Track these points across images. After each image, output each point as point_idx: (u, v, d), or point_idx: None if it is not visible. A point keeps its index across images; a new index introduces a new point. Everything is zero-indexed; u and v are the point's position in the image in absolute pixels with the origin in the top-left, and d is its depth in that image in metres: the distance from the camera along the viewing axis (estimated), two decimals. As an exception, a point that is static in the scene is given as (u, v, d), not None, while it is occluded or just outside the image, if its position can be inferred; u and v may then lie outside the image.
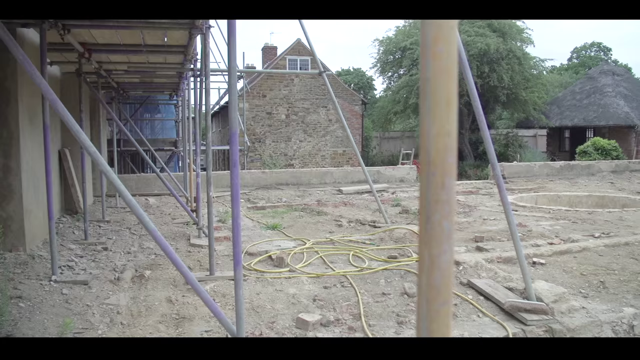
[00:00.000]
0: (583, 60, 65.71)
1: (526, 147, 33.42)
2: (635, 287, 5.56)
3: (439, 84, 0.89)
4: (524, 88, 32.63)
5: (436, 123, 0.89)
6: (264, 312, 4.84)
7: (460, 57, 4.41)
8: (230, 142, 3.54)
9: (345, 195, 13.35)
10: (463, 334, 4.37)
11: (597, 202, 13.29)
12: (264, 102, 27.56)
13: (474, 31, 30.51)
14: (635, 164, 20.88)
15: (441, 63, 0.89)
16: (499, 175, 4.67)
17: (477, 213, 10.34)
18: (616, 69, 41.48)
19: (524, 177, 18.09)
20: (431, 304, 0.92)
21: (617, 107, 34.35)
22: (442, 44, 0.89)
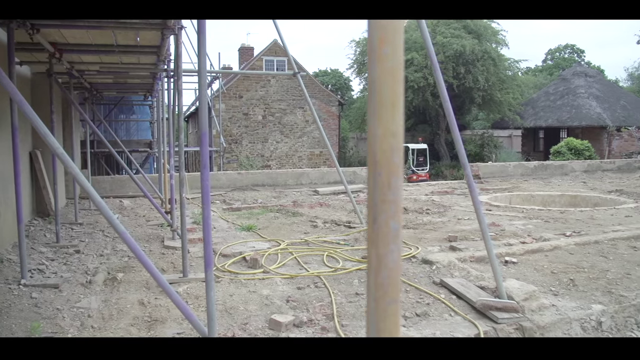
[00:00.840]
0: (557, 62, 66.63)
1: (501, 147, 33.80)
2: (603, 285, 5.65)
3: (384, 85, 0.90)
4: (499, 89, 32.98)
5: (382, 124, 0.90)
6: (236, 313, 4.83)
7: (432, 59, 4.45)
8: (201, 143, 3.53)
9: (321, 196, 13.37)
10: (435, 333, 4.40)
11: (569, 202, 13.49)
12: (241, 102, 27.48)
13: (449, 33, 30.77)
14: (606, 163, 21.24)
15: (386, 65, 0.90)
16: (470, 175, 4.72)
17: (451, 213, 10.43)
18: (589, 71, 42.11)
19: (499, 177, 18.30)
20: (379, 303, 0.93)
21: (590, 108, 34.86)
22: (388, 46, 0.90)
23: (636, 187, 15.12)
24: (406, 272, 5.96)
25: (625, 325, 4.96)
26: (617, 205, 11.80)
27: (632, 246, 7.27)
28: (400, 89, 0.90)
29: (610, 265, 6.32)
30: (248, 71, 26.51)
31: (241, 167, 24.86)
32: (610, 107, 35.52)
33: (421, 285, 5.52)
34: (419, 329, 4.47)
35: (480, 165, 18.76)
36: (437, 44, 30.23)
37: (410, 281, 5.62)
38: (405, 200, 12.47)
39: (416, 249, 6.91)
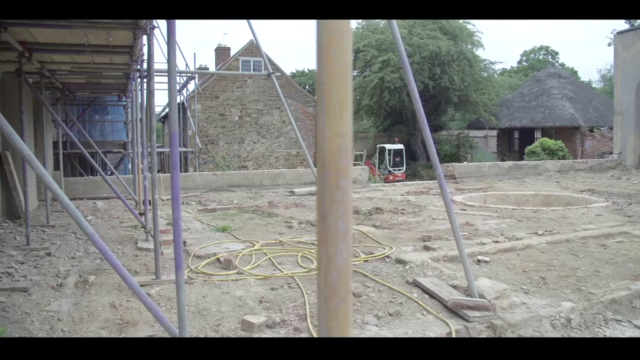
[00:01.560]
0: (532, 63, 67.42)
1: (477, 147, 34.11)
2: (573, 282, 5.73)
3: (333, 87, 0.91)
4: (475, 90, 33.29)
5: (330, 125, 0.91)
6: (209, 315, 4.81)
7: (402, 60, 4.48)
8: (170, 144, 3.51)
9: (297, 196, 13.37)
10: (407, 332, 4.43)
11: (543, 201, 13.66)
12: (217, 103, 27.36)
13: (425, 34, 30.99)
14: (579, 163, 21.56)
15: (335, 66, 0.91)
16: (441, 176, 4.76)
17: (426, 213, 10.50)
18: (562, 72, 42.71)
19: (474, 177, 18.46)
20: (329, 303, 0.94)
21: (563, 108, 35.34)
22: (336, 48, 0.90)
23: (607, 187, 15.37)
24: (380, 272, 6.00)
25: (594, 322, 5.04)
26: (588, 204, 11.98)
27: (602, 244, 7.40)
28: (348, 91, 0.91)
29: (580, 263, 6.42)
30: (222, 71, 26.43)
31: (218, 168, 24.74)
32: (583, 107, 36.05)
33: (394, 284, 5.55)
34: (392, 329, 4.49)
35: (456, 165, 18.91)
36: (413, 45, 30.42)
37: (383, 281, 5.65)
38: (381, 200, 12.53)
39: (390, 249, 6.95)
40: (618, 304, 5.28)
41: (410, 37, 31.04)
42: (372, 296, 5.20)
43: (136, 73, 8.82)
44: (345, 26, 0.91)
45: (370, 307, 4.93)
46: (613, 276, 5.96)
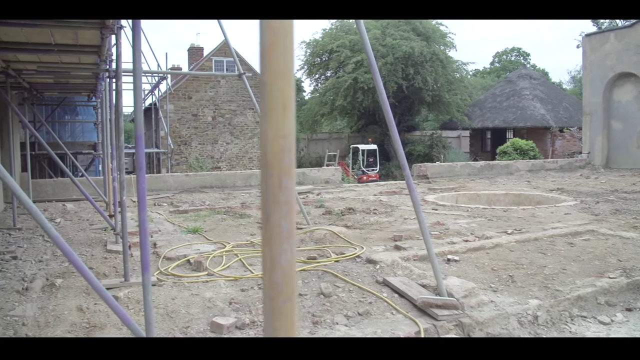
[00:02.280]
0: (504, 65, 68.23)
1: (450, 147, 34.41)
2: (540, 280, 5.82)
3: (275, 88, 0.91)
4: (448, 90, 33.61)
5: (272, 126, 0.91)
6: (178, 317, 4.78)
7: (369, 60, 4.51)
8: (136, 145, 3.48)
9: (270, 197, 13.35)
10: (376, 331, 4.46)
11: (513, 200, 13.84)
12: (190, 103, 27.18)
13: (399, 35, 31.19)
14: (549, 163, 21.90)
15: (277, 67, 0.91)
16: (409, 176, 4.80)
17: (398, 213, 10.56)
18: (533, 73, 43.31)
19: (447, 176, 18.63)
20: (274, 302, 0.95)
21: (534, 109, 35.84)
22: (278, 49, 0.91)
23: (576, 186, 15.64)
24: (350, 272, 6.02)
25: (560, 319, 5.12)
26: (557, 203, 12.17)
27: (569, 242, 7.52)
28: (291, 92, 0.92)
29: (547, 261, 6.52)
30: (194, 72, 26.27)
31: (191, 169, 24.58)
32: (554, 108, 36.61)
33: (364, 284, 5.58)
34: (361, 328, 4.51)
35: (428, 165, 19.07)
36: (387, 46, 30.60)
37: (353, 281, 5.67)
38: (354, 200, 12.58)
39: (361, 249, 6.98)
40: (583, 300, 5.38)
41: (384, 37, 31.24)
42: (342, 296, 5.22)
43: (105, 73, 8.71)
44: (287, 27, 0.91)
45: (340, 307, 4.95)
46: (579, 273, 6.07)
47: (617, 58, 21.79)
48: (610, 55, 22.03)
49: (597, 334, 4.88)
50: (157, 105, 22.27)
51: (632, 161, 21.53)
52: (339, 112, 34.41)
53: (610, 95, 22.48)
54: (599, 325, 5.05)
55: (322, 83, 36.01)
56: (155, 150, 21.57)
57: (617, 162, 22.19)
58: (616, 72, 21.86)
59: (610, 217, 9.66)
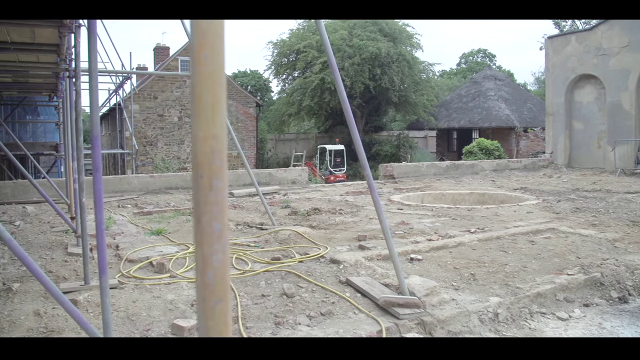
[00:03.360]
0: (470, 66, 69.16)
1: (416, 147, 34.73)
2: (501, 278, 5.91)
3: (204, 89, 0.91)
4: (414, 91, 33.93)
5: (202, 127, 0.91)
6: (139, 320, 4.72)
7: (329, 60, 4.52)
8: (93, 145, 3.43)
9: (236, 198, 13.29)
10: (338, 331, 4.47)
11: (478, 199, 14.03)
12: (156, 104, 26.90)
13: (365, 35, 31.38)
14: (514, 162, 22.26)
15: (206, 68, 0.91)
16: (370, 176, 4.83)
17: (363, 213, 10.61)
18: (498, 74, 43.99)
19: (413, 176, 18.78)
20: (206, 302, 0.95)
21: (499, 110, 36.39)
22: (207, 50, 0.91)
23: (539, 185, 15.93)
24: (313, 272, 6.03)
25: (520, 316, 5.20)
26: (520, 202, 12.37)
27: (531, 240, 7.65)
28: (221, 93, 0.92)
29: (509, 259, 6.62)
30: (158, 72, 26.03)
31: (157, 170, 24.32)
32: (518, 109, 37.23)
33: (328, 284, 5.59)
34: (323, 328, 4.52)
35: (395, 165, 19.19)
36: (354, 46, 30.75)
37: (317, 281, 5.68)
38: (320, 201, 12.59)
39: (325, 249, 6.99)
40: (543, 297, 5.48)
41: (351, 38, 31.39)
42: (304, 296, 5.22)
43: (66, 72, 8.56)
44: (217, 28, 0.92)
45: (303, 308, 4.95)
46: (539, 271, 6.18)
47: (578, 60, 22.26)
48: (571, 58, 22.51)
49: (556, 329, 4.98)
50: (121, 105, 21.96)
51: (593, 161, 22.03)
52: (307, 113, 34.46)
53: (572, 96, 22.96)
54: (558, 321, 5.15)
55: (290, 83, 36.02)
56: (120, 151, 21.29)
57: (579, 161, 22.67)
58: (577, 73, 22.34)
59: (571, 216, 9.87)
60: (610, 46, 20.95)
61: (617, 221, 9.08)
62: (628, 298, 5.69)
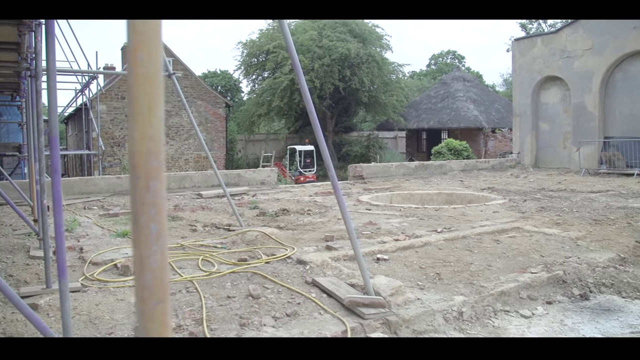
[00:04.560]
0: (440, 67, 69.88)
1: (386, 148, 34.93)
2: (466, 277, 5.97)
3: (141, 90, 0.91)
4: (384, 92, 34.11)
5: (139, 128, 0.91)
6: (102, 323, 4.66)
7: (293, 60, 4.52)
8: (50, 147, 3.37)
9: (205, 199, 13.20)
10: (303, 332, 4.47)
11: (446, 199, 14.17)
12: (123, 104, 26.57)
13: (335, 36, 31.45)
14: (482, 163, 22.56)
15: (142, 70, 0.91)
16: (334, 176, 4.84)
17: (332, 213, 10.63)
18: (467, 76, 44.51)
19: (382, 177, 18.88)
20: (145, 304, 0.94)
21: (468, 110, 36.82)
22: (143, 52, 0.90)
23: (506, 185, 16.17)
24: (280, 273, 6.02)
25: (484, 314, 5.27)
26: (487, 202, 12.53)
27: (496, 240, 7.75)
28: (158, 94, 0.92)
29: (474, 259, 6.70)
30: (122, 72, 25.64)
31: (125, 171, 23.99)
32: (486, 110, 37.72)
33: (294, 285, 5.59)
34: (288, 329, 4.52)
35: (364, 166, 19.27)
36: (324, 47, 30.79)
37: (283, 282, 5.67)
38: (288, 201, 12.58)
39: (292, 250, 6.99)
40: (507, 295, 5.56)
41: (320, 39, 31.43)
42: (270, 297, 5.21)
43: (27, 71, 8.39)
44: (154, 29, 0.91)
45: (268, 309, 4.94)
46: (504, 270, 6.26)
47: (544, 62, 22.67)
48: (537, 60, 22.90)
49: (519, 327, 5.05)
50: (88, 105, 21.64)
51: (559, 161, 22.45)
52: (276, 113, 34.39)
53: (538, 97, 23.37)
54: (521, 319, 5.23)
55: (259, 84, 35.91)
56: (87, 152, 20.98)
57: (545, 161, 23.08)
58: (543, 75, 22.75)
59: (536, 215, 10.02)
60: (575, 49, 21.38)
61: (580, 220, 9.25)
62: (589, 295, 5.81)
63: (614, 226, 8.64)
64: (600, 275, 6.24)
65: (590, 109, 20.94)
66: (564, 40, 21.80)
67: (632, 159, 18.76)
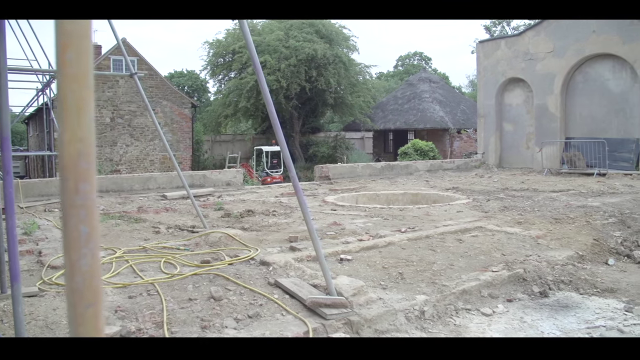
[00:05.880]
0: (407, 68, 70.50)
1: (353, 149, 35.09)
2: (429, 276, 6.03)
3: (69, 91, 0.89)
4: (351, 92, 34.25)
5: (68, 130, 0.90)
6: (59, 328, 4.57)
7: (253, 61, 4.51)
8: (2, 148, 3.30)
9: (169, 200, 13.06)
10: (265, 333, 4.46)
11: (411, 199, 14.29)
12: (87, 104, 26.13)
13: (302, 37, 31.45)
14: (447, 163, 22.82)
15: (71, 70, 0.89)
16: (295, 177, 4.84)
17: (297, 214, 10.61)
18: (433, 77, 44.98)
19: (348, 177, 18.95)
20: (76, 308, 0.93)
21: (434, 111, 37.21)
22: (71, 52, 0.89)
23: (471, 185, 16.37)
24: (242, 274, 5.99)
25: (446, 312, 5.33)
26: (451, 201, 12.66)
27: (458, 239, 7.84)
28: (87, 95, 0.90)
29: (437, 258, 6.77)
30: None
31: (88, 173, 23.57)
32: (452, 111, 38.18)
33: (256, 286, 5.57)
34: (250, 331, 4.50)
35: (330, 166, 19.32)
36: (290, 48, 30.77)
37: (245, 283, 5.65)
38: (254, 202, 12.53)
39: (256, 251, 6.96)
40: (468, 294, 5.63)
41: (287, 39, 31.40)
42: (232, 299, 5.19)
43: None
44: (82, 28, 0.90)
45: (230, 311, 4.91)
46: (465, 268, 6.34)
47: (507, 64, 23.05)
48: (501, 61, 23.28)
49: (479, 325, 5.12)
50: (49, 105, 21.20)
51: (522, 161, 22.85)
52: (243, 114, 34.22)
53: (502, 98, 23.75)
54: (482, 317, 5.31)
55: (226, 84, 35.70)
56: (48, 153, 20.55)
57: (509, 161, 23.47)
58: (507, 77, 23.13)
59: (499, 214, 10.17)
60: (537, 51, 21.79)
61: (541, 219, 9.42)
62: (548, 292, 5.93)
63: (573, 225, 8.82)
64: (559, 272, 6.38)
65: (552, 110, 21.37)
66: (527, 43, 22.20)
67: (592, 159, 19.20)
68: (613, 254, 7.56)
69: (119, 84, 26.66)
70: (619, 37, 19.07)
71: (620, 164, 19.13)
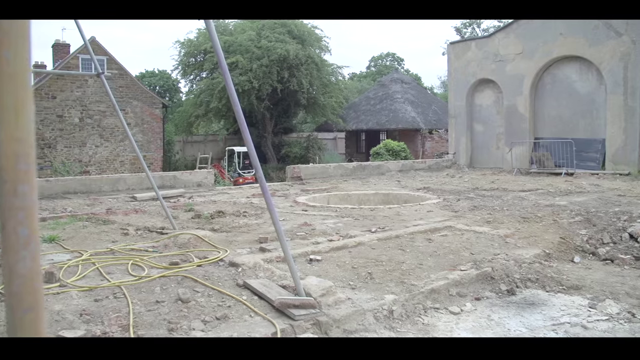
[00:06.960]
0: (380, 69, 70.85)
1: (325, 149, 35.16)
2: (398, 276, 6.06)
3: (6, 90, 0.88)
4: (323, 93, 34.29)
5: (5, 130, 0.88)
6: None
7: (219, 61, 4.48)
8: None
9: (139, 202, 12.91)
10: (232, 334, 4.43)
11: (382, 200, 14.35)
12: (54, 104, 25.68)
13: (274, 37, 31.39)
14: (419, 163, 22.99)
15: (8, 69, 0.88)
16: (262, 177, 4.83)
17: (268, 215, 10.51)
18: (405, 78, 45.29)
19: (320, 178, 18.97)
20: (15, 312, 0.91)
21: (406, 112, 37.45)
22: (10, 51, 0.87)
23: (442, 185, 16.52)
24: (211, 276, 5.95)
25: (414, 312, 5.36)
26: (422, 201, 12.75)
27: (428, 238, 7.90)
28: (25, 95, 0.89)
29: (406, 257, 6.80)
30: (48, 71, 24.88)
31: (56, 174, 23.22)
32: (424, 111, 38.49)
33: (225, 288, 5.53)
34: (218, 332, 4.47)
35: (302, 167, 19.32)
36: (262, 48, 30.68)
37: (214, 285, 5.61)
38: (225, 203, 12.46)
39: (225, 252, 6.92)
40: (437, 293, 5.67)
41: (259, 39, 31.31)
42: (200, 301, 5.15)
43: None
44: (20, 28, 0.88)
45: (198, 313, 4.88)
46: (434, 268, 6.39)
47: (478, 65, 23.32)
48: (472, 63, 23.54)
49: (447, 323, 5.16)
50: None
51: (493, 161, 23.14)
52: (214, 114, 34.01)
53: (473, 99, 24.02)
54: (450, 316, 5.35)
55: (197, 84, 35.45)
56: (15, 154, 20.20)
57: (479, 161, 23.74)
58: (477, 78, 23.41)
59: (468, 214, 10.27)
60: (507, 53, 22.09)
61: (510, 218, 9.53)
62: (515, 290, 6.01)
63: (541, 223, 8.95)
64: (527, 270, 6.47)
65: (521, 111, 21.68)
66: (497, 45, 22.49)
67: (560, 159, 19.53)
68: (579, 251, 7.70)
69: (88, 84, 26.26)
70: (585, 40, 19.43)
71: (587, 164, 19.51)
